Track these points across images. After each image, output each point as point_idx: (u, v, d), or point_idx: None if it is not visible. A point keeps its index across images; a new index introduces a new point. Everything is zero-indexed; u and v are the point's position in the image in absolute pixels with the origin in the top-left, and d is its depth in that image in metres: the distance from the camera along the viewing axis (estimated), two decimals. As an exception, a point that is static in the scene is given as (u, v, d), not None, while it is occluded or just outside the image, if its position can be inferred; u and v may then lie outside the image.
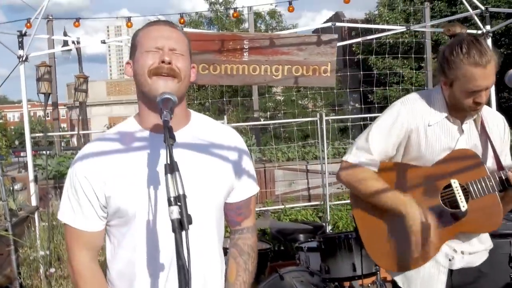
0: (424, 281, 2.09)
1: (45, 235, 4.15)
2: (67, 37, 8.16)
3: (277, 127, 9.60)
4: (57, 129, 8.73)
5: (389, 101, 8.69)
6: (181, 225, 1.18)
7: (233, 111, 14.48)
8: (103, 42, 4.69)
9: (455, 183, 2.02)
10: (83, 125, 11.83)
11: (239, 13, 15.50)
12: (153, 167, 1.49)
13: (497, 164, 2.08)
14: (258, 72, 5.08)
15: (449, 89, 2.01)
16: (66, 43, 8.14)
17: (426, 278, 2.09)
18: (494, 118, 2.20)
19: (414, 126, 2.07)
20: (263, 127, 9.44)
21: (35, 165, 6.02)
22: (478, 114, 2.10)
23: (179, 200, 1.20)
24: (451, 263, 2.10)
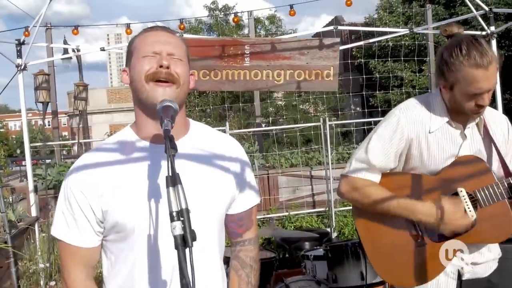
0: None
1: (45, 246, 4.07)
2: (67, 45, 8.12)
3: (279, 132, 9.54)
4: (57, 138, 8.66)
5: (391, 105, 8.63)
6: (184, 241, 1.11)
7: (235, 117, 14.44)
8: (102, 49, 4.65)
9: (462, 192, 1.93)
10: (84, 133, 11.79)
11: (239, 19, 15.53)
12: (153, 179, 1.42)
13: (503, 168, 2.00)
14: (260, 77, 5.02)
15: (449, 92, 1.93)
16: (66, 51, 8.10)
17: None
18: (497, 119, 2.11)
19: (414, 134, 1.98)
20: (265, 132, 9.37)
21: (35, 174, 5.96)
22: (480, 117, 2.01)
23: (181, 215, 1.13)
24: (460, 274, 2.01)
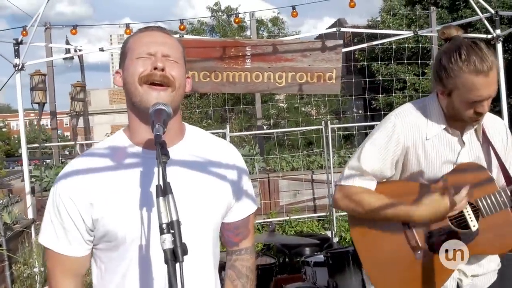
0: None
1: (40, 250, 3.99)
2: (68, 45, 8.06)
3: (280, 135, 9.47)
4: (55, 138, 8.61)
5: (393, 108, 8.52)
6: (174, 255, 1.04)
7: (236, 118, 14.37)
8: (101, 49, 4.61)
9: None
10: (85, 133, 11.76)
11: (241, 20, 15.48)
12: (145, 187, 1.36)
13: (504, 175, 1.92)
14: (261, 79, 4.96)
15: (447, 99, 1.84)
16: (68, 51, 8.05)
17: None
18: (495, 124, 2.02)
19: (411, 141, 1.90)
20: (266, 135, 9.31)
21: (32, 176, 5.89)
22: (479, 123, 1.92)
23: (172, 227, 1.06)
24: (459, 286, 1.94)
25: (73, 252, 1.40)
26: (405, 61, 9.89)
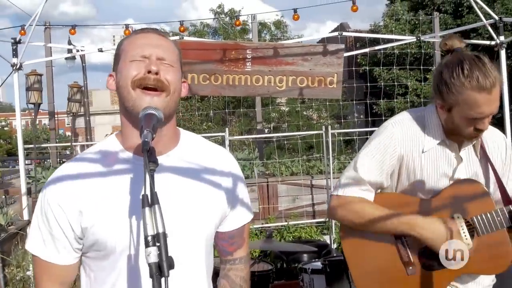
0: None
1: (34, 253, 3.93)
2: (70, 46, 8.03)
3: (281, 139, 9.42)
4: (53, 139, 8.56)
5: (394, 113, 8.47)
6: (160, 269, 0.99)
7: (237, 121, 14.32)
8: (100, 50, 4.57)
9: (459, 218, 1.79)
10: (86, 134, 11.72)
11: (245, 23, 15.44)
12: (135, 195, 1.30)
13: (501, 192, 1.86)
14: (261, 83, 4.91)
15: (447, 114, 1.77)
16: (70, 52, 8.02)
17: None
18: (495, 138, 1.95)
19: (407, 152, 1.84)
20: (266, 139, 9.25)
21: (29, 176, 5.83)
22: (477, 138, 1.86)
23: (158, 239, 1.01)
24: None
25: (61, 260, 1.36)
26: (407, 66, 9.83)
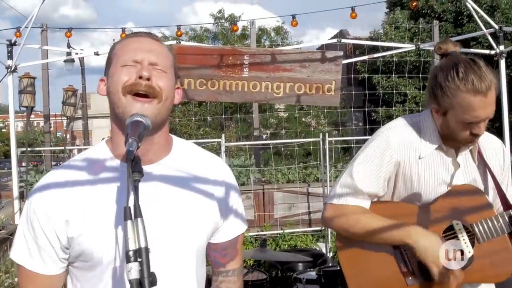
0: None
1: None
2: (67, 49, 7.99)
3: (279, 145, 9.36)
4: (48, 142, 8.50)
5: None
6: (141, 286, 0.94)
7: (235, 127, 14.26)
8: (96, 53, 4.53)
9: (458, 225, 1.75)
10: (84, 137, 11.67)
11: (245, 28, 15.41)
12: (122, 205, 1.25)
13: (500, 197, 1.82)
14: (259, 89, 4.87)
15: (442, 118, 1.75)
16: (69, 55, 7.99)
17: None
18: (492, 144, 1.92)
19: (403, 158, 1.80)
20: (263, 146, 9.19)
21: (21, 180, 5.76)
22: (474, 144, 1.83)
23: (140, 255, 0.95)
24: None
25: (46, 270, 1.32)
26: (406, 74, 9.82)
